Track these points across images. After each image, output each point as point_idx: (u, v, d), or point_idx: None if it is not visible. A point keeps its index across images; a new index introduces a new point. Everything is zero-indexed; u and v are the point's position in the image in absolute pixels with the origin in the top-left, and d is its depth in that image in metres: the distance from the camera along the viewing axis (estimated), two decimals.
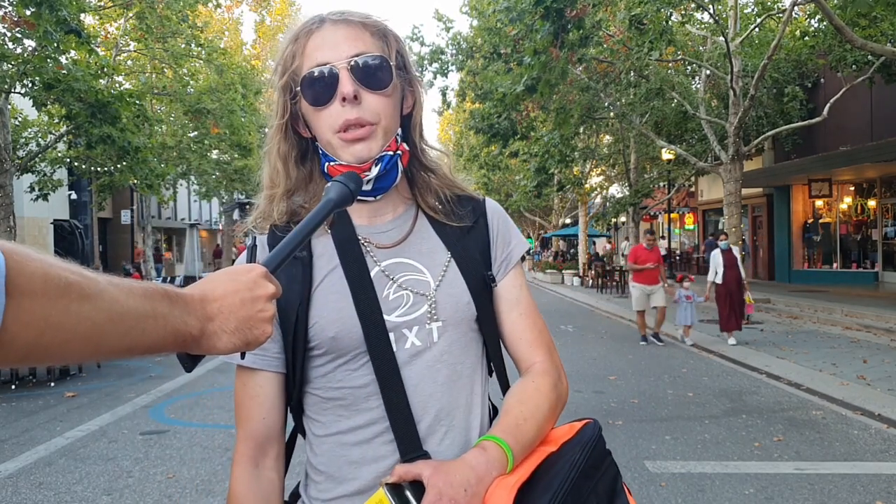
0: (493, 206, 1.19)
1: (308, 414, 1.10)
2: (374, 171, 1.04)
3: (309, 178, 1.12)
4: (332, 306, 1.03)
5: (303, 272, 1.06)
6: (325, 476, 1.06)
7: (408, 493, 0.89)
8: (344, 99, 1.01)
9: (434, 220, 1.13)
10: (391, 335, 1.03)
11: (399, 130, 1.09)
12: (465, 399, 1.08)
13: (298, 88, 1.04)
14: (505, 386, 1.14)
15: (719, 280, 9.84)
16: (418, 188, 1.15)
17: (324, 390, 1.06)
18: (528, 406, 1.04)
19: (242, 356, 0.91)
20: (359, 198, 1.03)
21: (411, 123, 1.13)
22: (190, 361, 0.81)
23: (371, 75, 1.02)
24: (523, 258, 1.22)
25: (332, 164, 1.06)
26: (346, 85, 1.00)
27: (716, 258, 10.05)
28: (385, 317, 1.04)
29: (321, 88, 1.02)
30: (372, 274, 1.06)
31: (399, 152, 1.08)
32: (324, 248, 1.08)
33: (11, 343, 0.56)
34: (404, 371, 1.03)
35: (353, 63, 1.01)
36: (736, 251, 9.97)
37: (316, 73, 1.02)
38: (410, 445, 1.01)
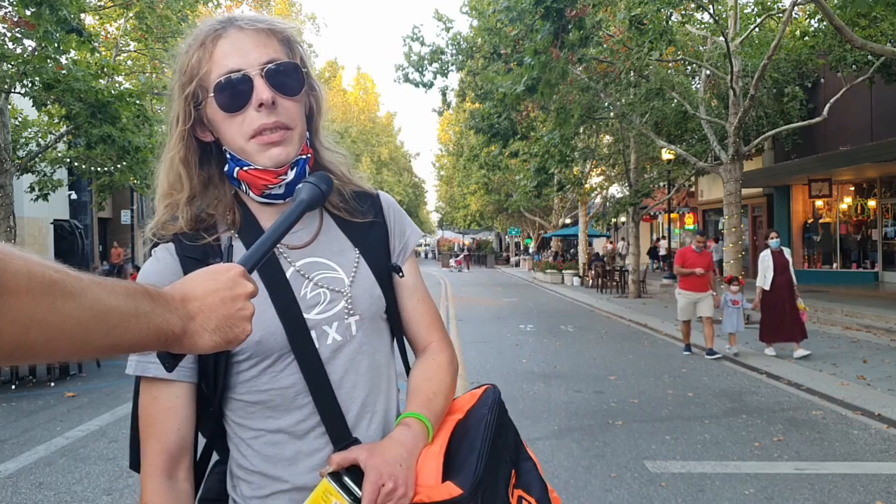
0: (387, 200, 1.25)
1: (232, 419, 1.10)
2: (291, 174, 1.07)
3: (208, 183, 1.13)
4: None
5: None
6: (259, 475, 1.07)
7: (346, 479, 0.94)
8: (261, 105, 1.02)
9: (339, 218, 1.17)
10: (312, 332, 1.07)
11: (308, 134, 1.13)
12: (385, 384, 1.15)
13: (211, 94, 1.04)
14: (407, 364, 1.24)
15: (767, 286, 8.71)
16: None
17: (250, 394, 1.07)
18: (435, 382, 1.14)
19: (225, 354, 0.91)
20: (268, 201, 1.10)
21: (312, 127, 1.16)
22: (171, 360, 0.82)
23: (284, 81, 1.04)
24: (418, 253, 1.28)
25: (245, 168, 1.06)
26: (264, 91, 1.02)
27: (765, 260, 8.86)
28: (304, 315, 1.06)
29: (235, 94, 1.02)
30: (287, 274, 1.08)
31: (308, 156, 1.11)
32: (237, 255, 1.06)
33: None
34: (329, 366, 1.07)
35: (267, 69, 1.03)
36: (787, 253, 8.88)
37: (230, 80, 1.02)
38: (341, 435, 1.06)
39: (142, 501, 1.02)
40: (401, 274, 1.19)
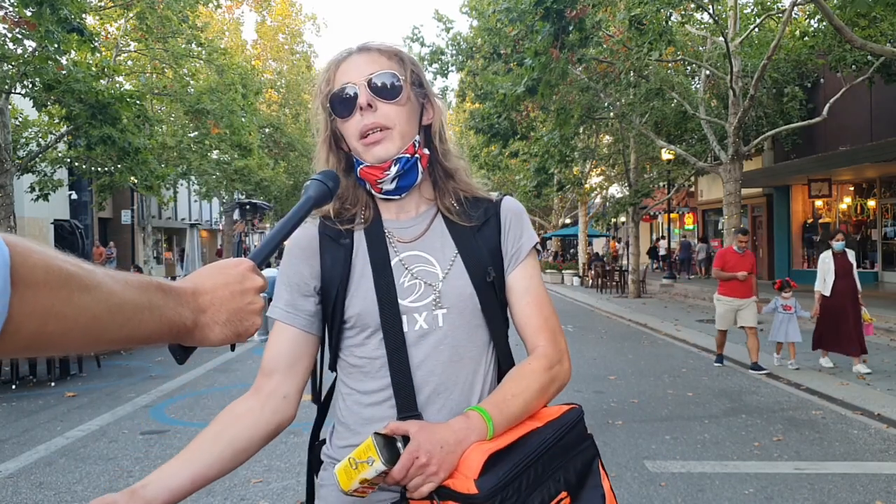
0: (507, 205, 1.33)
1: (339, 375, 1.30)
2: (393, 170, 1.22)
3: (354, 186, 1.31)
4: (361, 288, 1.22)
5: (344, 257, 1.25)
6: (344, 427, 1.26)
7: (398, 444, 1.03)
8: (361, 109, 1.19)
9: (448, 220, 1.29)
10: (404, 317, 1.21)
11: (419, 137, 1.27)
12: (467, 378, 1.22)
13: (329, 105, 1.25)
14: (509, 368, 1.28)
15: (827, 292, 7.70)
16: (439, 190, 1.31)
17: (350, 357, 1.25)
18: (520, 385, 1.18)
19: (232, 348, 0.97)
20: (387, 196, 1.27)
21: (431, 132, 1.31)
22: (182, 353, 0.85)
23: (384, 88, 1.21)
24: (539, 251, 1.37)
25: (361, 167, 1.25)
26: (362, 97, 1.20)
27: (825, 263, 7.81)
28: (400, 300, 1.21)
29: (344, 102, 1.22)
30: (392, 263, 1.24)
31: (417, 156, 1.25)
32: (360, 238, 1.27)
33: (16, 332, 0.57)
34: (413, 349, 1.20)
35: (369, 79, 1.21)
36: (851, 256, 7.83)
37: (340, 91, 1.22)
38: (407, 408, 1.18)
39: None
40: (489, 278, 1.24)
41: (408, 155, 1.23)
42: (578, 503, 1.12)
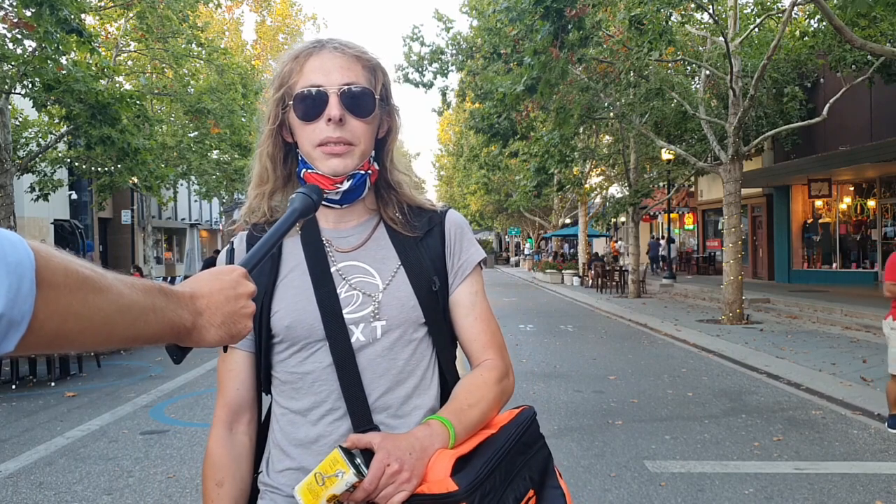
0: (451, 218, 1.29)
1: (273, 394, 1.24)
2: (346, 185, 1.19)
3: (287, 179, 1.27)
4: (291, 299, 1.17)
5: (271, 266, 1.20)
6: (278, 450, 1.20)
7: (357, 459, 1.01)
8: (329, 119, 1.14)
9: (391, 230, 1.25)
10: None
11: (373, 152, 1.23)
12: (410, 392, 1.18)
13: (291, 102, 1.18)
14: (454, 381, 1.23)
15: None
16: (382, 200, 1.28)
17: (281, 374, 1.20)
18: (475, 395, 1.15)
19: (225, 349, 1.00)
20: (328, 204, 1.22)
21: (384, 147, 1.27)
22: (179, 353, 0.90)
23: (356, 103, 1.16)
24: (482, 268, 1.32)
25: (309, 171, 1.20)
26: (334, 108, 1.14)
27: None
28: None
29: (311, 106, 1.16)
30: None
31: (369, 171, 1.22)
32: (292, 247, 1.23)
33: (40, 330, 0.62)
34: None
35: (343, 90, 1.15)
36: None
37: (309, 93, 1.15)
38: (362, 420, 1.13)
39: (207, 446, 1.23)
40: (435, 288, 1.21)
41: (362, 171, 1.20)
42: (542, 502, 1.11)
